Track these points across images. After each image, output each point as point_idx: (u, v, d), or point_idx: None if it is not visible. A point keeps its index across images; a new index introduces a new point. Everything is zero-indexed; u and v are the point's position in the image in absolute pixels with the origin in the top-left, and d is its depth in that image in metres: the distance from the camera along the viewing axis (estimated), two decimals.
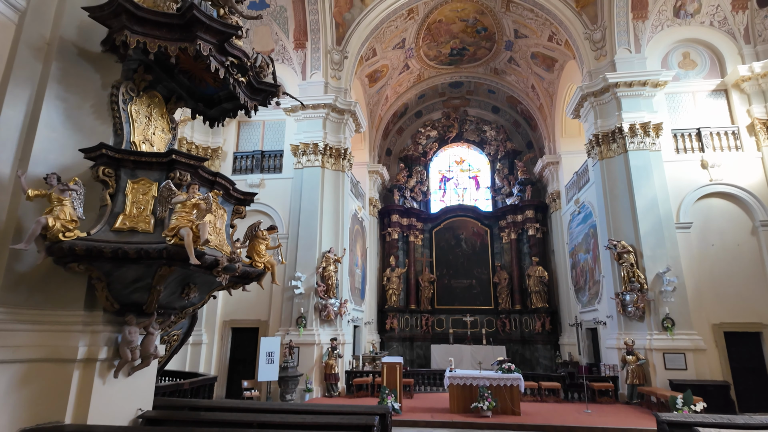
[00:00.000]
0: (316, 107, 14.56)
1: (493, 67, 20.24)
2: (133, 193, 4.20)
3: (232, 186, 5.00)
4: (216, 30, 4.48)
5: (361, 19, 15.58)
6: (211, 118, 6.02)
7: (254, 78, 5.39)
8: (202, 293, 4.88)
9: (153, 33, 4.37)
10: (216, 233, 4.69)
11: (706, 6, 13.75)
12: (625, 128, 13.07)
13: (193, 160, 4.34)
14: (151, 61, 4.87)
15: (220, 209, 4.86)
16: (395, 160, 22.97)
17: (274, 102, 5.88)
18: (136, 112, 4.86)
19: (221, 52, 4.77)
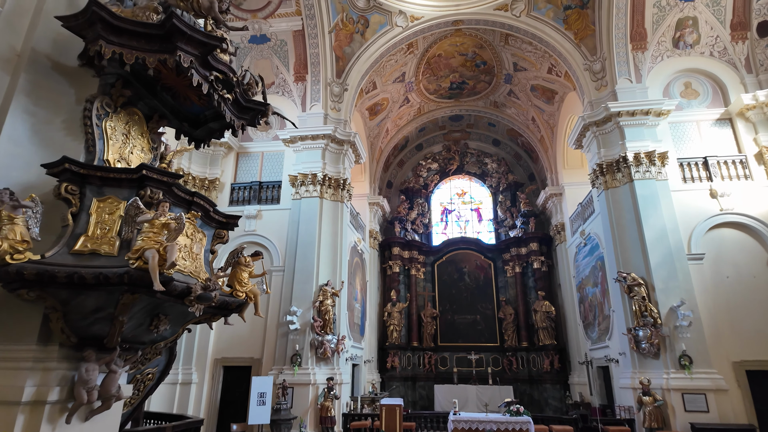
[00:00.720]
0: (315, 138, 14.42)
1: (493, 100, 20.28)
2: (98, 212, 3.81)
3: (213, 207, 4.61)
4: (198, 41, 4.22)
5: (361, 53, 15.69)
6: (196, 139, 5.71)
7: (242, 96, 5.11)
8: (174, 325, 4.40)
9: (130, 44, 4.10)
10: (192, 258, 4.26)
11: (705, 37, 13.76)
12: (630, 157, 12.79)
13: (166, 176, 3.98)
14: (129, 75, 4.60)
15: (198, 233, 4.46)
16: (396, 193, 22.72)
17: (263, 122, 5.57)
18: (111, 128, 4.55)
19: (205, 65, 4.49)
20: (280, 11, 14.90)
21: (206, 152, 14.78)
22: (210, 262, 4.78)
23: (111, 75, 4.55)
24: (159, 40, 4.16)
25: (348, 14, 15.15)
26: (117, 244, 3.73)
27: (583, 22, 14.38)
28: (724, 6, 13.41)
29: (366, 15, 15.35)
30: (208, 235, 4.70)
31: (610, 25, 13.73)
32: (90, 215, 3.81)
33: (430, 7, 15.63)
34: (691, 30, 13.74)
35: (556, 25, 14.83)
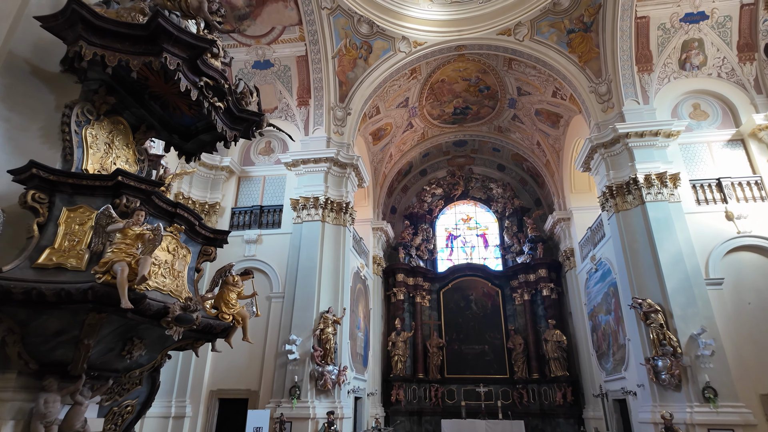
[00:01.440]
0: (318, 161, 14.21)
1: (497, 125, 20.15)
2: (67, 222, 3.46)
3: (199, 221, 4.26)
4: (186, 43, 3.97)
5: (365, 78, 15.66)
6: (187, 153, 5.43)
7: (234, 105, 4.84)
8: (152, 351, 3.98)
9: (114, 46, 3.86)
10: (173, 276, 3.88)
11: (712, 59, 13.61)
12: (641, 179, 12.42)
13: (145, 184, 3.65)
14: (114, 82, 4.35)
15: (181, 248, 4.09)
16: (400, 218, 22.36)
17: (257, 134, 5.28)
18: (92, 137, 4.26)
19: (194, 70, 4.24)
20: (283, 37, 14.98)
21: (207, 176, 14.58)
22: (195, 281, 4.40)
23: (94, 81, 4.30)
24: (144, 42, 3.92)
25: (351, 40, 15.20)
26: (86, 257, 3.36)
27: (587, 45, 14.31)
28: (730, 28, 13.31)
29: (369, 41, 15.40)
30: (193, 251, 4.33)
31: (615, 48, 13.63)
32: (58, 226, 3.46)
33: (433, 33, 15.68)
34: (697, 52, 13.61)
35: (559, 48, 14.78)
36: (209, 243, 4.53)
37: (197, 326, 3.81)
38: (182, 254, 4.09)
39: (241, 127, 5.04)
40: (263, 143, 15.76)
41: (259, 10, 14.54)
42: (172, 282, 3.84)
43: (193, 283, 4.31)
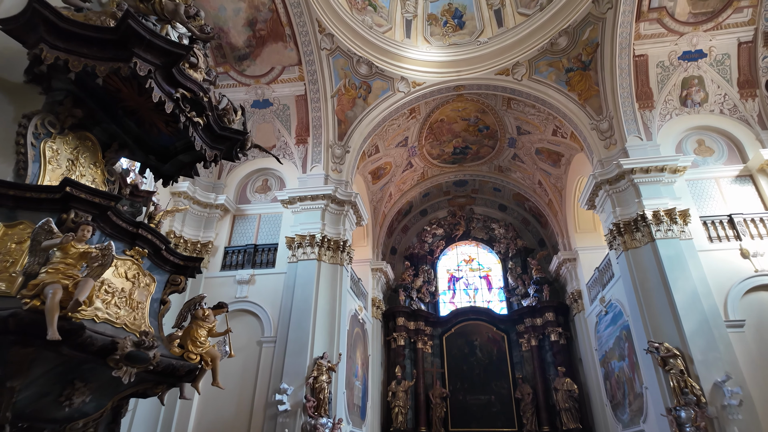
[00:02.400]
0: (315, 198, 13.84)
1: (498, 164, 19.97)
2: (2, 241, 2.97)
3: (166, 245, 3.77)
4: (159, 49, 3.64)
5: (364, 117, 15.61)
6: (165, 175, 5.01)
7: (216, 122, 4.47)
8: (100, 397, 3.36)
9: (79, 50, 3.53)
10: (130, 307, 3.34)
11: (713, 95, 13.53)
12: (649, 215, 11.97)
13: (99, 197, 3.19)
14: (81, 92, 3.99)
15: (144, 276, 3.58)
16: (400, 259, 21.75)
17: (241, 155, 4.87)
18: (53, 151, 3.85)
19: (169, 80, 3.89)
20: (283, 77, 15.05)
21: (201, 215, 14.18)
22: (159, 314, 3.84)
23: (59, 92, 3.94)
24: (114, 47, 3.59)
25: (351, 80, 15.26)
26: (19, 280, 2.84)
27: (586, 83, 14.29)
28: (729, 66, 13.31)
29: (368, 81, 15.46)
30: (158, 280, 3.81)
31: (615, 86, 13.57)
32: None
33: (431, 74, 15.78)
34: (698, 89, 13.54)
35: (558, 87, 14.77)
36: (179, 271, 4.02)
37: (155, 367, 3.22)
38: (144, 283, 3.56)
39: (223, 147, 4.65)
40: (260, 181, 15.48)
41: (259, 51, 14.70)
42: (128, 314, 3.30)
43: (156, 317, 3.75)
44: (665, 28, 13.20)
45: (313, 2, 13.51)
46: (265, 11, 13.82)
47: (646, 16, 13.09)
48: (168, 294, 3.96)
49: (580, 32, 13.81)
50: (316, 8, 13.65)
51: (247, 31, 14.32)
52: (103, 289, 3.10)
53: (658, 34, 13.31)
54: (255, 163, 15.45)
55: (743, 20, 12.87)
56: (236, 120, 4.75)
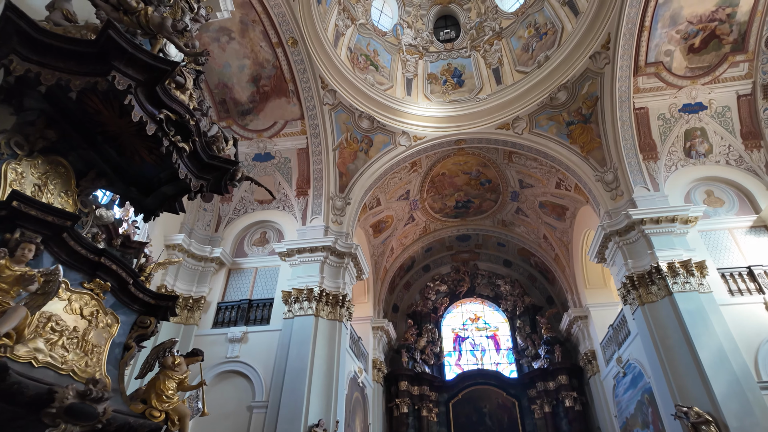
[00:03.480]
0: (314, 250, 13.35)
1: (501, 219, 19.66)
2: None
3: (134, 279, 3.27)
4: (142, 63, 3.36)
5: (365, 170, 15.52)
6: (146, 210, 4.60)
7: (204, 149, 4.13)
8: None
9: (55, 64, 3.25)
10: (82, 350, 2.81)
11: (717, 146, 13.42)
12: (664, 267, 11.40)
13: (54, 215, 2.74)
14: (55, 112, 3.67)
15: (105, 314, 3.06)
16: (403, 317, 20.82)
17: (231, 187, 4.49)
18: (16, 174, 3.46)
19: (153, 100, 3.59)
20: (285, 131, 15.13)
21: (195, 268, 13.63)
22: (121, 361, 3.26)
23: (32, 111, 3.62)
24: (92, 61, 3.31)
25: (352, 134, 15.33)
26: None
27: (588, 136, 14.28)
28: (730, 117, 13.32)
29: (370, 135, 15.53)
30: (123, 321, 3.28)
31: (617, 138, 13.52)
32: None
33: (432, 128, 15.88)
34: (701, 140, 13.47)
35: (560, 140, 14.75)
36: (149, 312, 3.49)
37: (105, 425, 2.61)
38: (105, 323, 3.04)
39: (211, 177, 4.26)
40: (258, 234, 15.07)
41: (262, 106, 14.89)
42: (78, 358, 2.75)
43: (117, 365, 3.17)
44: (663, 82, 13.37)
45: (316, 60, 13.83)
46: (269, 68, 14.13)
47: (644, 71, 13.30)
48: (134, 338, 3.40)
49: (579, 87, 14.00)
50: (319, 65, 13.96)
51: (251, 87, 14.58)
52: (49, 327, 2.58)
53: (656, 87, 13.45)
54: (254, 215, 15.14)
55: (740, 74, 13.05)
56: (227, 149, 4.43)
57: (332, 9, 14.93)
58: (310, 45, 13.45)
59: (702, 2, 12.15)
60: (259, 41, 13.44)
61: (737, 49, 12.80)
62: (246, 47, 13.61)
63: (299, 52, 13.44)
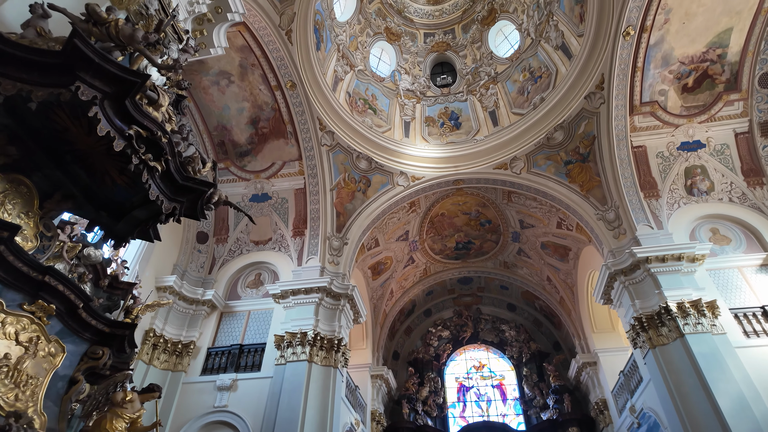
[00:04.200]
0: (309, 291, 12.92)
1: (503, 260, 19.24)
2: None
3: (85, 303, 2.95)
4: (110, 75, 3.21)
5: (363, 209, 15.36)
6: (117, 236, 4.33)
7: (178, 170, 3.92)
8: None
9: (17, 75, 3.10)
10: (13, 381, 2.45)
11: (719, 184, 13.23)
12: (673, 307, 10.89)
13: None
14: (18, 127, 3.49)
15: (47, 342, 2.75)
16: (403, 365, 19.93)
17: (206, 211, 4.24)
18: None
19: (122, 116, 3.42)
20: (283, 172, 15.12)
21: (186, 312, 13.17)
22: (65, 396, 2.88)
23: None
24: (58, 72, 3.17)
25: (350, 174, 15.29)
26: None
27: (587, 175, 14.16)
28: (730, 155, 13.23)
29: (368, 175, 15.50)
30: (70, 350, 2.95)
31: (617, 176, 13.39)
32: None
33: (430, 169, 15.87)
34: (702, 178, 13.31)
35: (559, 179, 14.64)
36: (103, 341, 3.14)
37: None
38: (46, 351, 2.71)
39: (185, 199, 4.02)
40: (252, 275, 14.68)
41: (260, 147, 14.96)
42: (8, 390, 2.39)
43: (58, 400, 2.79)
44: (660, 121, 13.40)
45: (314, 102, 14.02)
46: (267, 110, 14.31)
47: (639, 110, 13.37)
48: (83, 371, 3.03)
49: (576, 126, 14.05)
50: (317, 107, 14.13)
51: (249, 128, 14.72)
52: None
53: (653, 126, 13.47)
54: (249, 256, 14.82)
55: (736, 112, 13.08)
56: (203, 171, 4.22)
57: (331, 56, 15.33)
58: (308, 88, 13.67)
59: (692, 43, 12.37)
60: (258, 84, 13.68)
61: (731, 89, 12.90)
62: (245, 90, 13.84)
63: (297, 95, 13.64)
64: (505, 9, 16.95)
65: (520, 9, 16.24)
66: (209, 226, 15.08)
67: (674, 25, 12.06)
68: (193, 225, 14.85)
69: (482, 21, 17.60)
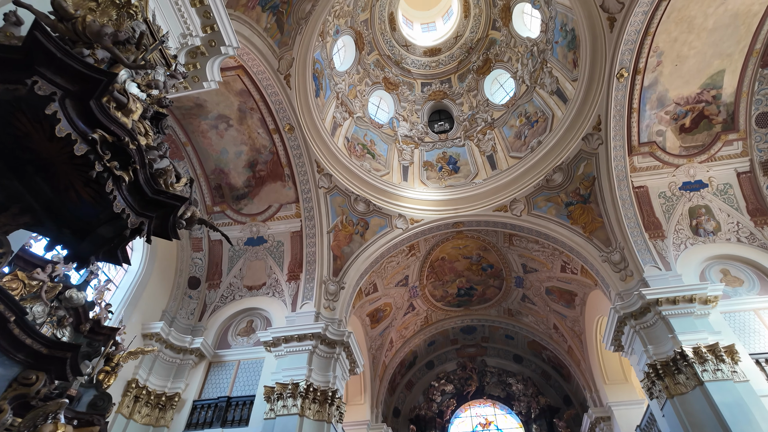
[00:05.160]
0: (302, 338, 12.26)
1: (507, 307, 18.55)
2: None
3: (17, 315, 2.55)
4: (73, 71, 3.00)
5: (360, 252, 14.98)
6: (80, 257, 3.95)
7: (147, 182, 3.63)
8: None
9: None
10: None
11: (725, 224, 12.88)
12: (689, 352, 10.20)
13: None
14: None
15: None
16: (405, 423, 18.70)
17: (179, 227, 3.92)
18: None
19: (85, 118, 3.18)
20: (279, 214, 14.91)
21: (172, 361, 12.45)
22: None
23: None
24: (17, 68, 2.96)
25: (348, 216, 15.06)
26: None
27: (589, 216, 13.87)
28: (734, 195, 12.99)
29: (366, 218, 15.25)
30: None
31: (619, 217, 13.09)
32: None
33: (429, 211, 15.65)
34: (707, 218, 12.98)
35: (560, 221, 14.34)
36: (39, 365, 2.68)
37: None
38: None
39: (154, 215, 3.70)
40: (244, 323, 14.03)
41: (257, 190, 14.85)
42: None
43: None
44: (659, 161, 13.30)
45: (312, 145, 14.05)
46: (265, 153, 14.32)
47: (638, 150, 13.31)
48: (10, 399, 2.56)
49: (575, 168, 13.95)
50: (315, 150, 14.14)
51: (247, 171, 14.67)
52: None
53: (653, 166, 13.35)
54: (241, 302, 14.26)
55: (736, 152, 12.99)
56: (178, 186, 3.93)
57: (330, 102, 15.58)
58: (306, 131, 13.74)
59: (687, 85, 12.50)
60: (256, 128, 13.77)
61: (728, 129, 12.89)
62: (244, 134, 13.92)
63: (295, 138, 13.69)
64: (499, 59, 17.40)
65: (515, 58, 16.66)
66: (202, 271, 14.66)
67: (667, 67, 12.24)
68: (185, 269, 14.45)
69: (477, 70, 18.05)
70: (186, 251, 14.58)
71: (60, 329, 7.34)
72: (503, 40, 16.97)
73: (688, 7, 11.00)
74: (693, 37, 11.63)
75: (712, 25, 11.38)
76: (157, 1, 6.13)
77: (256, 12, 10.49)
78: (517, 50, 16.44)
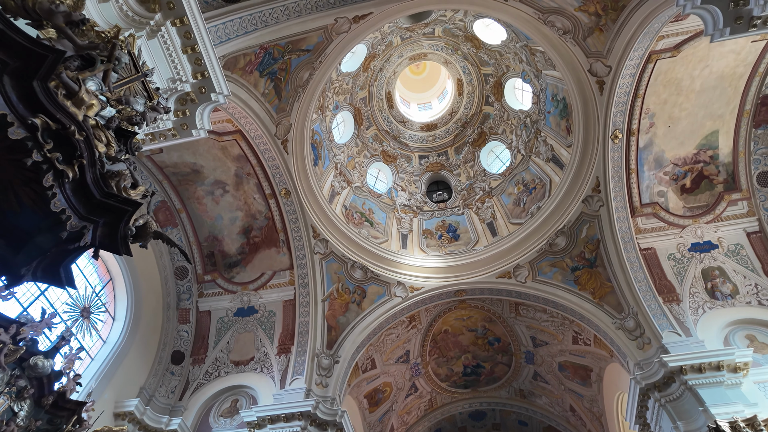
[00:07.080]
0: (290, 418, 11.02)
1: (518, 387, 17.07)
2: None
3: None
4: (14, 44, 2.76)
5: (357, 323, 14.10)
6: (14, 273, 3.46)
7: (96, 182, 3.25)
8: None
9: None
10: None
11: (743, 286, 12.11)
12: (725, 428, 8.97)
13: None
14: None
15: None
16: None
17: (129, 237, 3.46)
18: None
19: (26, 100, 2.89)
20: (272, 282, 14.33)
21: None
22: None
23: None
24: None
25: (344, 284, 14.41)
26: None
27: (597, 281, 13.18)
28: (746, 255, 12.41)
29: (363, 286, 14.59)
30: None
31: (629, 281, 12.41)
32: None
33: (429, 279, 15.00)
34: (723, 280, 12.26)
35: (567, 287, 13.62)
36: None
37: None
38: None
39: (101, 220, 3.27)
40: (228, 402, 12.74)
41: (250, 257, 14.42)
42: None
43: None
44: (664, 222, 12.93)
45: (308, 210, 13.86)
46: (261, 219, 14.11)
47: (641, 211, 13.01)
48: None
49: (578, 231, 13.55)
50: (311, 215, 13.93)
51: (241, 238, 14.36)
52: None
53: (658, 227, 12.96)
54: (227, 379, 13.08)
55: (742, 212, 12.66)
56: (134, 193, 3.54)
57: (329, 172, 15.70)
58: (302, 195, 13.62)
59: (682, 145, 12.52)
60: (252, 193, 13.70)
61: (731, 188, 12.69)
62: (239, 199, 13.82)
63: (292, 203, 13.55)
64: (494, 131, 17.85)
65: (509, 130, 17.08)
66: (187, 345, 13.71)
67: (660, 128, 12.35)
68: (169, 343, 13.52)
69: (473, 143, 18.44)
70: (172, 323, 13.76)
71: (18, 402, 6.52)
72: (497, 113, 17.51)
73: (674, 70, 11.33)
74: (682, 98, 11.86)
75: (699, 87, 11.65)
76: (148, 46, 6.21)
77: (254, 77, 10.86)
78: (510, 122, 16.89)
